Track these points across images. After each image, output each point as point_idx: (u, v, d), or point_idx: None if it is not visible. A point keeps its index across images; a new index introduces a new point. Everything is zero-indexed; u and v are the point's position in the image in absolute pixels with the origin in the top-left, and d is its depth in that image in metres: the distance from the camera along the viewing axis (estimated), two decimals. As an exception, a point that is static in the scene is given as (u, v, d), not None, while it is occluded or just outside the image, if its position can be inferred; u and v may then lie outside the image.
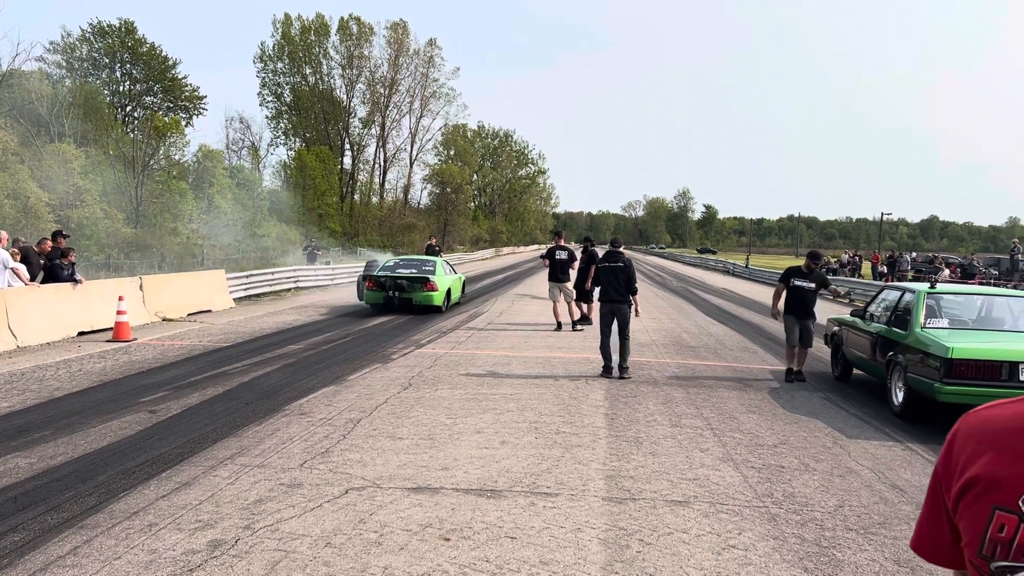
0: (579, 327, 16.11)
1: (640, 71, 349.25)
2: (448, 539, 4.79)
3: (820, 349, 12.88)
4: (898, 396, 8.80)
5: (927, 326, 8.74)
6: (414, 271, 18.77)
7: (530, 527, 5.03)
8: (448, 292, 19.08)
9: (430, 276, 18.32)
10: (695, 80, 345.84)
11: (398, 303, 18.03)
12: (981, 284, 27.99)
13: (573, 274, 16.72)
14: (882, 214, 76.49)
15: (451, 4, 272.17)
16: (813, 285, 11.03)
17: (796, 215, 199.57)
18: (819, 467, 6.69)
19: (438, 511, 5.27)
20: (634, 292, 11.18)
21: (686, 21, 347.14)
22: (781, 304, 11.33)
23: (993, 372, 7.71)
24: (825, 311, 18.80)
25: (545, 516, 5.24)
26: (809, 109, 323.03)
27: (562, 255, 16.45)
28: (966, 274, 32.96)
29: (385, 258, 23.18)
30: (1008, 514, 1.05)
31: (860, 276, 40.53)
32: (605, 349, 10.96)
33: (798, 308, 10.95)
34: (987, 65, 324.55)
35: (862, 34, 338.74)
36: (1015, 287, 26.70)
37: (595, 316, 16.00)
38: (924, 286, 9.64)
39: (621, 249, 11.56)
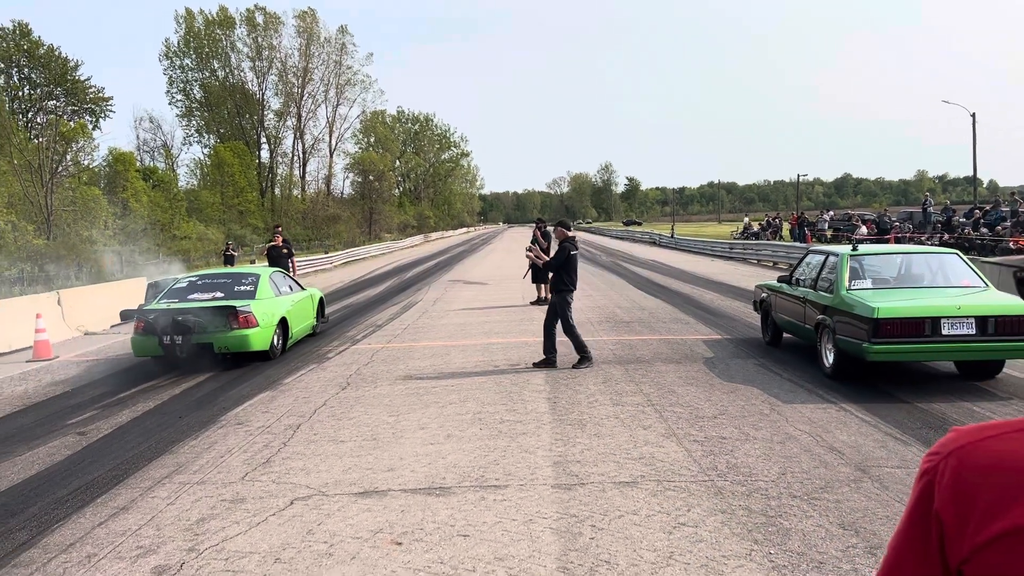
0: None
1: (556, 47, 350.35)
2: (400, 543, 4.73)
3: (750, 315, 13.14)
4: (828, 358, 9.03)
5: (852, 288, 8.97)
6: (219, 294, 11.87)
7: (482, 523, 5.00)
8: (283, 324, 12.09)
9: (241, 305, 11.23)
10: (610, 53, 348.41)
11: (185, 353, 10.89)
12: (897, 239, 28.97)
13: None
14: (798, 175, 78.39)
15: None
16: None
17: (716, 181, 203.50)
18: (759, 435, 6.82)
19: (387, 515, 5.21)
20: None
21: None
22: None
23: (918, 328, 7.97)
24: (753, 278, 19.21)
25: (496, 510, 5.22)
26: (723, 75, 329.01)
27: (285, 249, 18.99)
28: (881, 229, 33.99)
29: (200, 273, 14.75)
30: None
31: (781, 238, 41.52)
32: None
33: None
34: (894, 26, 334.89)
35: None
36: (928, 239, 27.71)
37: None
38: (846, 249, 9.89)
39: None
